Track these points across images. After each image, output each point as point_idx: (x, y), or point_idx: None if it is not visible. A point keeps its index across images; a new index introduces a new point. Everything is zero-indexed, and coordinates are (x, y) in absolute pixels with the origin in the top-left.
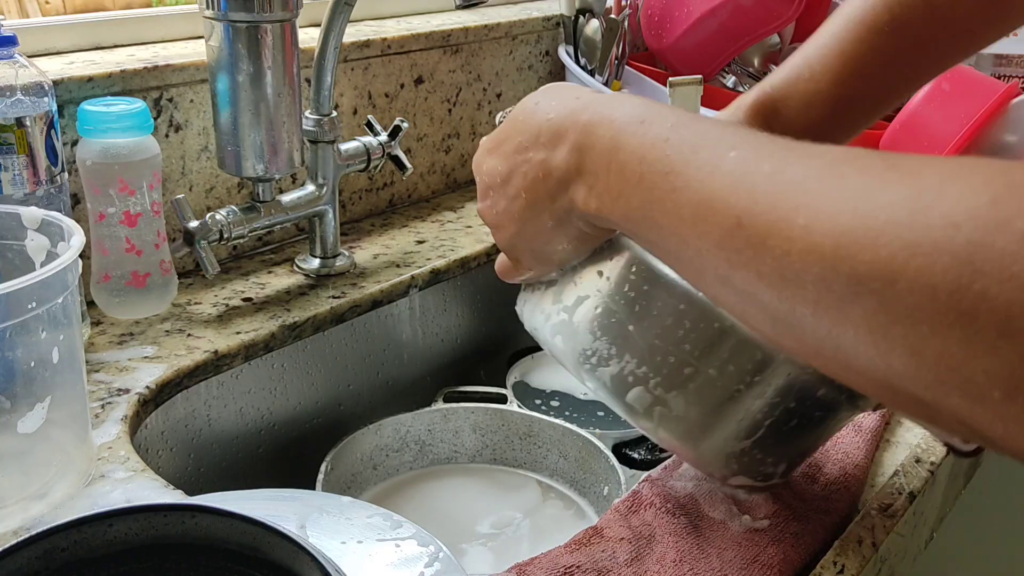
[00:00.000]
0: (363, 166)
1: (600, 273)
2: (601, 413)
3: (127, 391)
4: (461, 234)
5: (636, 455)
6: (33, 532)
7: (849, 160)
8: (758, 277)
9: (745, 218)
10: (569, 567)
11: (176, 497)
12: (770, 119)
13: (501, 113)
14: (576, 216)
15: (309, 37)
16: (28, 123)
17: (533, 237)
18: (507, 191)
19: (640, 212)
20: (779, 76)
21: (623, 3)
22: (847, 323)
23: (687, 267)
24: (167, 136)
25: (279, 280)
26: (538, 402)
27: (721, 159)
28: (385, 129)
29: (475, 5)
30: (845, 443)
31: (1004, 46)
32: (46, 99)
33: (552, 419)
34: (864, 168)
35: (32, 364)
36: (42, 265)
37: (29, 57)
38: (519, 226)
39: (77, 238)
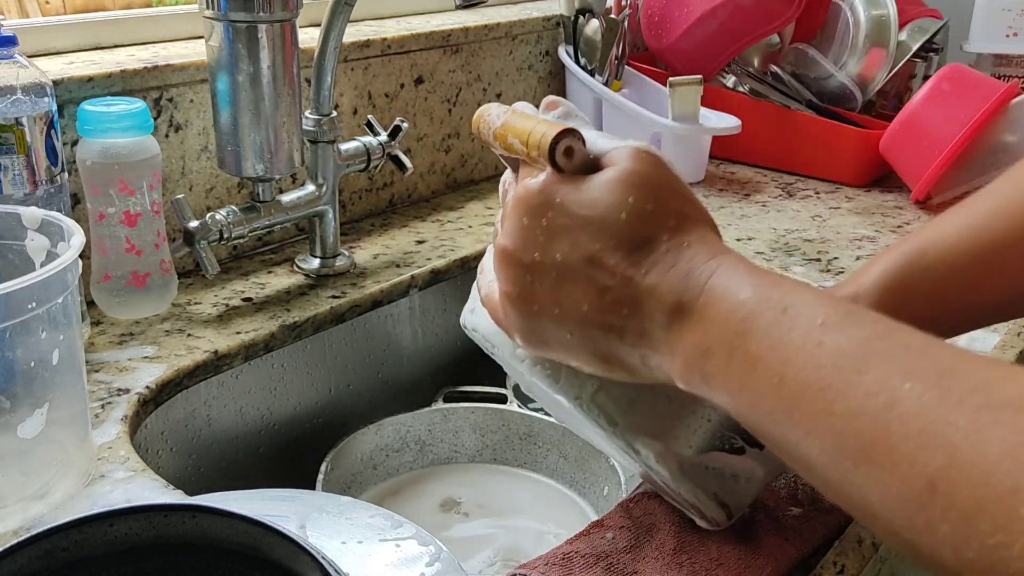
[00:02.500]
0: (363, 166)
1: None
2: None
3: (127, 391)
4: (461, 234)
5: None
6: (33, 532)
7: None
8: (954, 556)
9: (942, 484)
10: (568, 553)
11: (176, 497)
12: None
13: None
14: (641, 365)
15: (309, 37)
16: (28, 123)
17: (563, 344)
18: (561, 288)
19: (770, 418)
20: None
21: (623, 3)
22: None
23: (811, 475)
24: (167, 136)
25: (279, 280)
26: (537, 405)
27: (898, 393)
28: (385, 129)
29: (475, 5)
30: None
31: (1004, 46)
32: (46, 99)
33: (552, 419)
34: None
35: (32, 364)
36: (42, 265)
37: (29, 57)
38: (553, 328)
39: (77, 238)
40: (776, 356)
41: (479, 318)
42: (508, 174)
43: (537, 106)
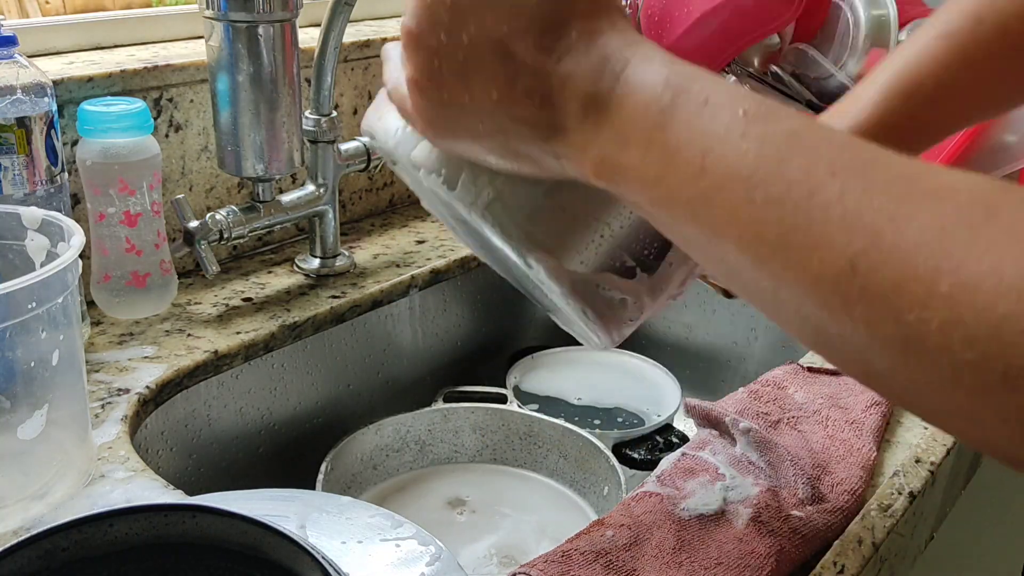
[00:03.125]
0: (363, 166)
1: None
2: (601, 414)
3: (127, 391)
4: None
5: (636, 455)
6: (33, 532)
7: (993, 202)
8: (868, 334)
9: (862, 265)
10: (567, 551)
11: (176, 497)
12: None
13: None
14: (553, 159)
15: (309, 37)
16: (28, 123)
17: (472, 134)
18: (469, 73)
19: (687, 208)
20: (889, 73)
21: (623, 3)
22: (987, 409)
23: (727, 273)
24: (167, 136)
25: (279, 280)
26: (536, 406)
27: (823, 183)
28: None
29: None
30: (848, 442)
31: None
32: (46, 99)
33: (552, 419)
34: (1017, 220)
35: (32, 364)
36: (42, 265)
37: (29, 57)
38: (462, 117)
39: (77, 238)
40: (697, 146)
41: (378, 121)
42: None
43: None
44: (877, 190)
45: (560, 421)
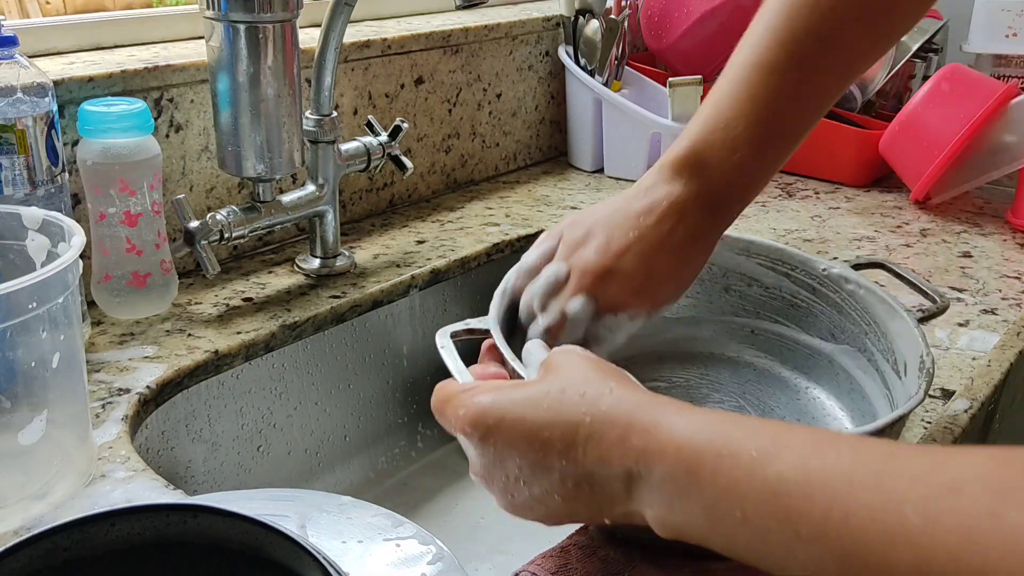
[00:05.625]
0: (363, 166)
1: None
2: None
3: (127, 391)
4: (461, 234)
5: None
6: (34, 531)
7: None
8: None
9: None
10: (565, 546)
11: (176, 497)
12: (698, 170)
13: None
14: (630, 520)
15: (309, 37)
16: (29, 123)
17: (559, 518)
18: (531, 488)
19: (746, 550)
20: (695, 130)
21: (623, 3)
22: None
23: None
24: (168, 136)
25: (279, 280)
26: None
27: (848, 504)
28: (385, 129)
29: (475, 5)
30: None
31: (1003, 46)
32: (47, 99)
33: None
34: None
35: (32, 364)
36: (42, 265)
37: (30, 57)
38: (545, 515)
39: (77, 238)
40: (730, 498)
41: None
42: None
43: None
44: (899, 500)
45: None
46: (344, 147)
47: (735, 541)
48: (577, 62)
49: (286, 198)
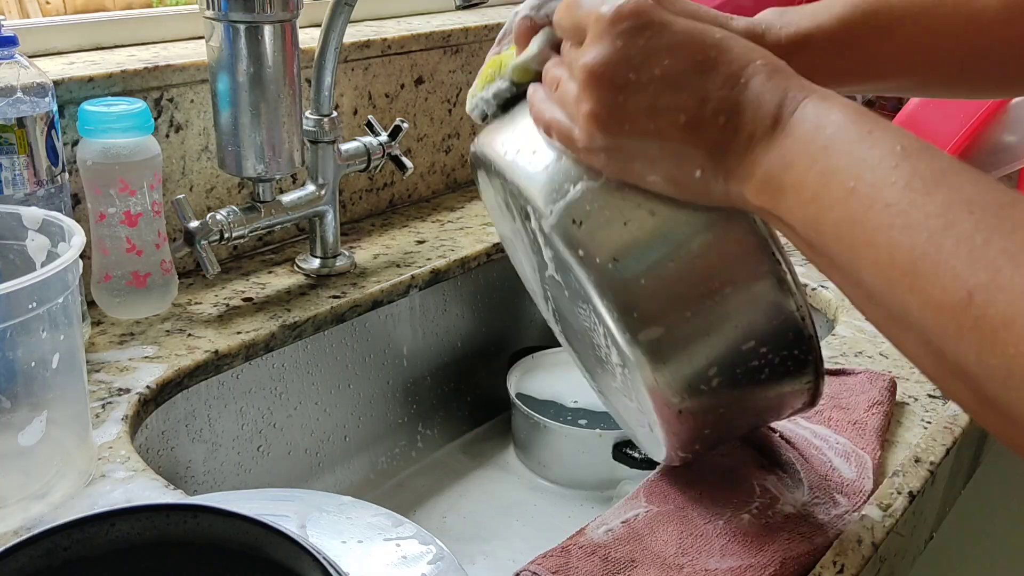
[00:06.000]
0: (363, 166)
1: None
2: (601, 414)
3: (127, 391)
4: (461, 234)
5: (636, 455)
6: (34, 531)
7: None
8: (976, 361)
9: (979, 297)
10: (566, 546)
11: (176, 497)
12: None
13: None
14: (718, 180)
15: (309, 37)
16: (29, 123)
17: (645, 152)
18: (665, 93)
19: (832, 230)
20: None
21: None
22: None
23: (863, 297)
24: (167, 136)
25: (279, 280)
26: (536, 408)
27: (958, 217)
28: (385, 129)
29: (475, 6)
30: (853, 442)
31: None
32: (47, 99)
33: (552, 419)
34: None
35: (33, 364)
36: (42, 265)
37: (30, 57)
38: (643, 138)
39: (77, 238)
40: (852, 170)
41: (518, 154)
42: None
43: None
44: (1006, 231)
45: (559, 422)
46: (344, 147)
47: (827, 216)
48: None
49: (286, 198)
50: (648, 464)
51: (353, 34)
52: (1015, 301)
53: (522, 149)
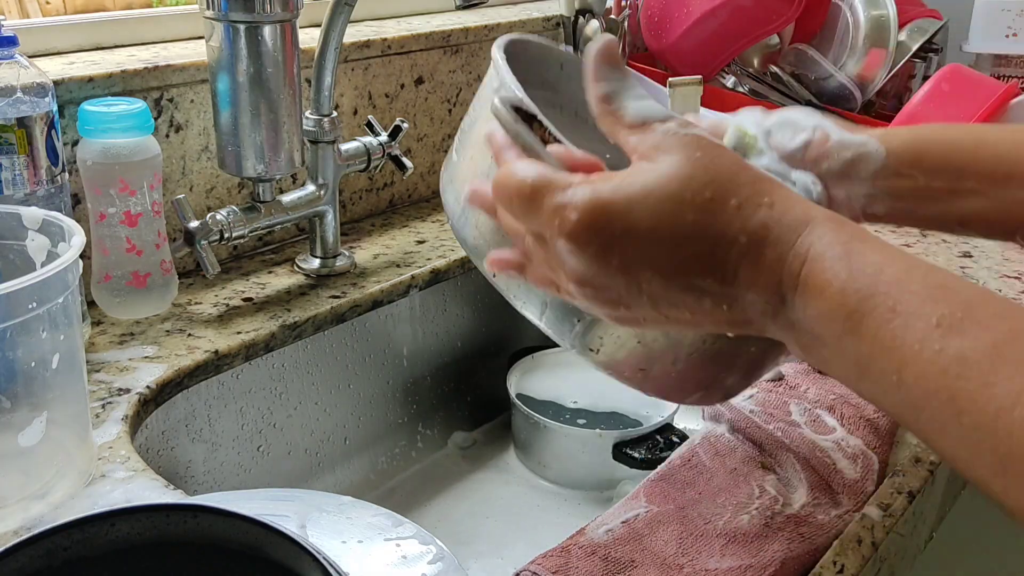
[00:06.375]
0: (363, 166)
1: None
2: (601, 414)
3: (127, 391)
4: None
5: (636, 455)
6: (35, 531)
7: None
8: None
9: None
10: (566, 546)
11: (176, 497)
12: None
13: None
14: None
15: (309, 37)
16: (29, 123)
17: (665, 324)
18: (659, 308)
19: (897, 411)
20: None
21: (623, 3)
22: None
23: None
24: (168, 136)
25: (279, 280)
26: (536, 408)
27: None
28: (385, 129)
29: (475, 6)
30: (866, 441)
31: (1003, 46)
32: (47, 99)
33: (552, 419)
34: None
35: (32, 364)
36: (42, 265)
37: (30, 57)
38: (659, 323)
39: (77, 238)
40: (892, 358)
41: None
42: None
43: None
44: None
45: (559, 422)
46: (344, 147)
47: (882, 399)
48: None
49: (286, 198)
50: (648, 464)
51: (353, 34)
52: None
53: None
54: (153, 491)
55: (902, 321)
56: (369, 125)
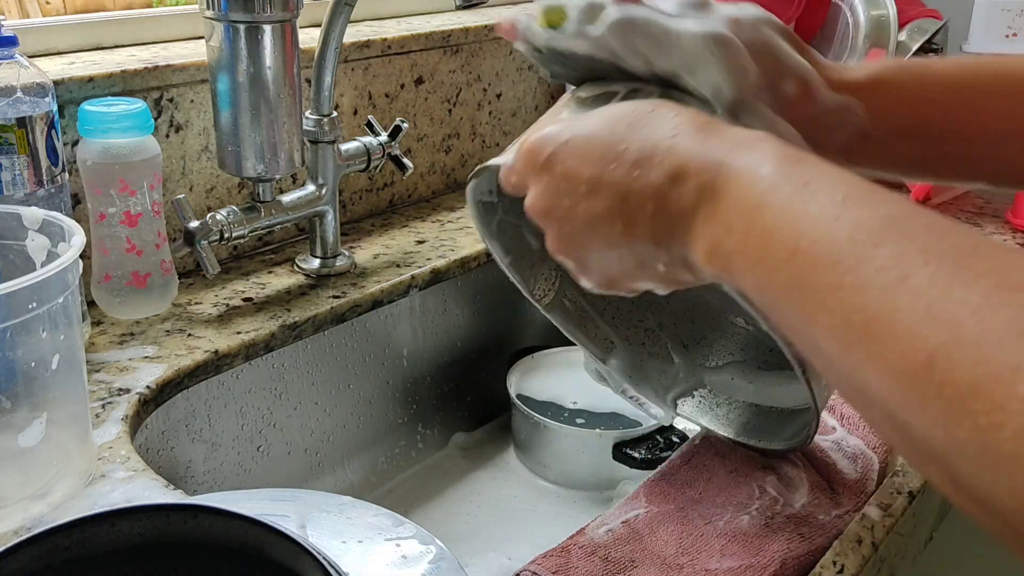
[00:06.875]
0: (363, 166)
1: None
2: (601, 414)
3: (127, 391)
4: (461, 234)
5: (636, 455)
6: (35, 531)
7: None
8: (944, 437)
9: (941, 360)
10: (566, 546)
11: (176, 497)
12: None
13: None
14: (681, 265)
15: (309, 37)
16: (29, 123)
17: (609, 264)
18: (593, 207)
19: (784, 293)
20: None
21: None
22: None
23: (825, 366)
24: (167, 136)
25: (279, 280)
26: (536, 408)
27: (912, 269)
28: (385, 129)
29: (475, 5)
30: (866, 441)
31: (1003, 46)
32: (47, 99)
33: (552, 419)
34: None
35: (33, 364)
36: (43, 265)
37: (30, 57)
38: (598, 251)
39: (77, 238)
40: (791, 229)
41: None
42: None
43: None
44: (968, 280)
45: (560, 422)
46: (344, 147)
47: (775, 279)
48: None
49: (286, 198)
50: (648, 464)
51: (353, 34)
52: (982, 362)
53: None
54: (153, 491)
55: (810, 195)
56: (369, 125)
